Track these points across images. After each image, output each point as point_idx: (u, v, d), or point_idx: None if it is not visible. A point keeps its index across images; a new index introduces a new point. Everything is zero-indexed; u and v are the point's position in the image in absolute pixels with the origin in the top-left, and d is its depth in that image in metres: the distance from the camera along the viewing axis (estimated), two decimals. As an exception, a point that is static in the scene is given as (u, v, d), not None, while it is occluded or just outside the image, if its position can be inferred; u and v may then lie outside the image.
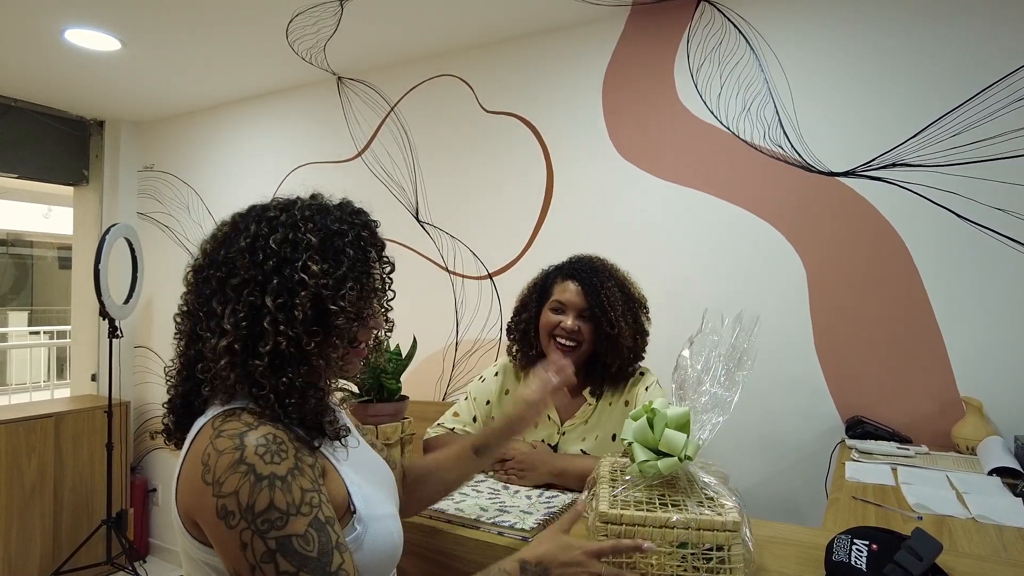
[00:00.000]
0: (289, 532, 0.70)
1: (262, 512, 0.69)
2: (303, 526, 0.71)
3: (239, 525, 0.69)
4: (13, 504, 2.97)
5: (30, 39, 2.51)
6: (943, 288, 1.74)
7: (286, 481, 0.71)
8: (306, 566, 0.69)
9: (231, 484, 0.70)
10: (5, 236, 9.12)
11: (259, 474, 0.70)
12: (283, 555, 0.69)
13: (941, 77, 1.74)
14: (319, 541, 0.71)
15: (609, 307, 1.44)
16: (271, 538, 0.69)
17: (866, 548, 0.88)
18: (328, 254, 0.82)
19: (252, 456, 0.71)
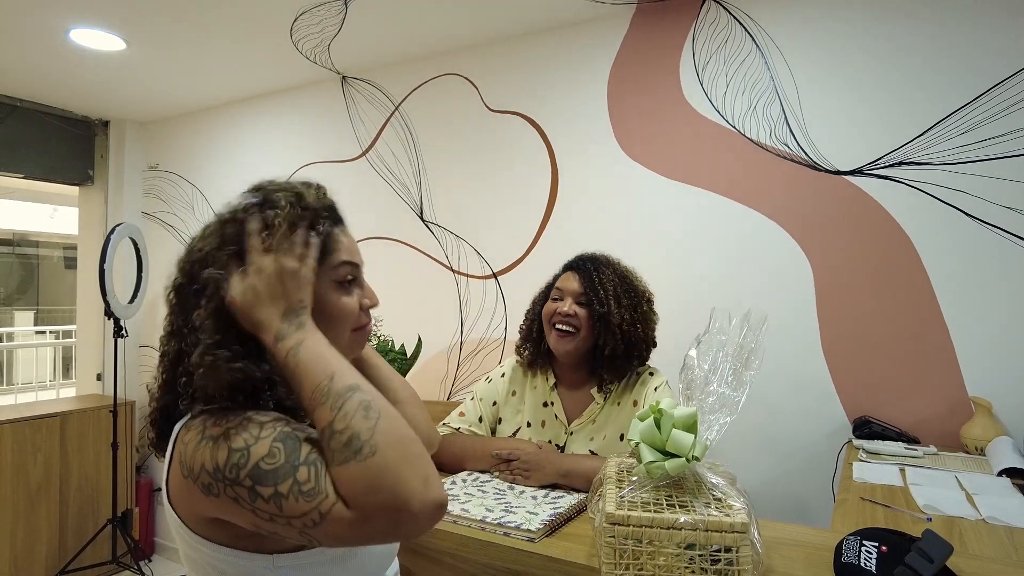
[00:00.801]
0: (254, 460, 0.67)
1: (225, 463, 0.68)
2: (266, 447, 0.68)
3: (220, 489, 0.68)
4: (19, 503, 2.98)
5: (35, 39, 2.51)
6: (951, 287, 1.73)
7: (241, 425, 0.70)
8: (278, 477, 0.66)
9: (198, 462, 0.70)
10: (11, 236, 9.16)
11: (213, 436, 0.70)
12: (259, 484, 0.66)
13: (949, 75, 1.73)
14: (284, 448, 0.68)
15: (600, 287, 1.47)
16: (244, 476, 0.67)
17: (875, 550, 0.87)
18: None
19: (210, 429, 0.71)
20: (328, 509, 0.64)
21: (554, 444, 1.49)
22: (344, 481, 0.65)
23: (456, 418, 1.57)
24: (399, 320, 2.49)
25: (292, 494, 0.66)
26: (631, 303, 1.48)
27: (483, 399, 1.60)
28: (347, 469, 0.64)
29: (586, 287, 1.48)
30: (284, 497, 0.66)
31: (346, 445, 0.65)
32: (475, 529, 1.08)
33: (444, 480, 1.34)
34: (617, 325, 1.44)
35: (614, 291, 1.47)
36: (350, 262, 0.88)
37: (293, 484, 0.66)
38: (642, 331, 1.48)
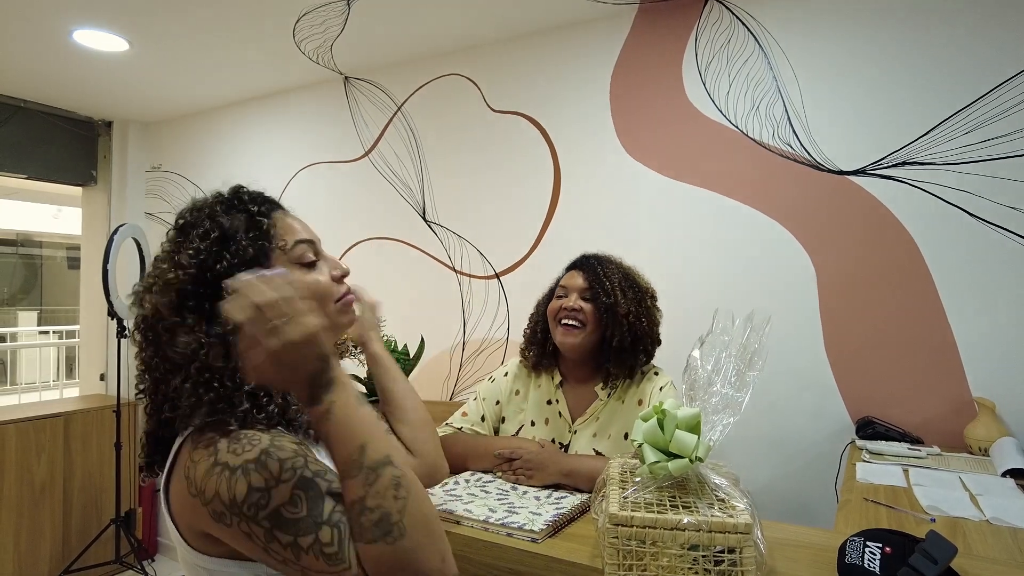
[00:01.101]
0: (275, 505, 0.68)
1: (244, 499, 0.68)
2: (288, 492, 0.68)
3: (233, 521, 0.69)
4: (23, 503, 2.98)
5: (39, 40, 2.52)
6: (955, 287, 1.72)
7: (260, 462, 0.70)
8: (300, 529, 0.66)
9: (211, 488, 0.70)
10: (15, 236, 9.18)
11: (232, 467, 0.70)
12: (278, 529, 0.67)
13: (952, 74, 1.73)
14: (306, 498, 0.68)
15: (605, 279, 1.49)
16: (263, 518, 0.67)
17: (879, 551, 0.87)
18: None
19: (224, 455, 0.71)
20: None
21: (558, 443, 1.49)
22: (370, 559, 0.65)
23: (459, 418, 1.57)
24: (402, 320, 2.49)
25: (313, 551, 0.66)
26: (635, 297, 1.50)
27: (486, 398, 1.60)
28: (375, 548, 0.65)
29: (591, 281, 1.50)
30: (303, 551, 0.66)
31: (376, 524, 0.65)
32: (478, 530, 1.08)
33: (447, 480, 1.34)
34: (624, 316, 1.45)
35: (620, 283, 1.49)
36: (304, 240, 0.87)
37: (315, 542, 0.66)
38: (647, 325, 1.50)
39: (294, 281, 0.70)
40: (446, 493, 1.24)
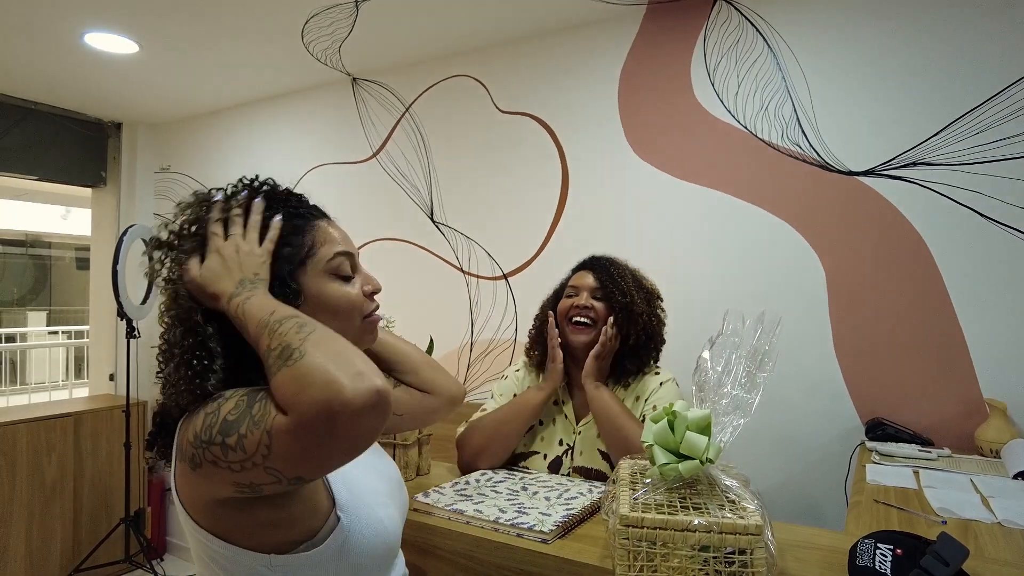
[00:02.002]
0: (222, 416, 0.69)
1: (201, 426, 0.70)
2: (232, 402, 0.69)
3: (201, 456, 0.69)
4: (34, 502, 3.01)
5: (51, 43, 2.54)
6: (965, 288, 1.71)
7: (216, 401, 0.72)
8: (240, 422, 0.67)
9: (184, 439, 0.72)
10: (24, 237, 9.24)
11: (194, 413, 0.73)
12: (226, 435, 0.67)
13: (963, 74, 1.72)
14: (248, 398, 0.69)
15: (620, 279, 1.51)
16: (216, 434, 0.68)
17: (890, 552, 0.87)
18: None
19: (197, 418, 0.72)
20: (271, 425, 0.64)
21: (565, 443, 1.50)
22: (278, 388, 0.65)
23: (478, 415, 1.58)
24: (410, 321, 2.49)
25: (248, 430, 0.66)
26: (646, 297, 1.53)
27: (503, 394, 1.61)
28: (279, 376, 0.65)
29: (603, 281, 1.51)
30: (244, 437, 0.66)
31: (279, 356, 0.65)
32: (488, 530, 1.08)
33: (457, 480, 1.34)
34: (640, 314, 1.48)
35: (632, 284, 1.52)
36: (343, 252, 0.88)
37: (249, 421, 0.66)
38: (656, 324, 1.53)
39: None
40: (457, 493, 1.25)
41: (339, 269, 0.86)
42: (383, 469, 0.96)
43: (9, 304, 9.49)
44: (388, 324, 1.67)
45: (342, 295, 0.86)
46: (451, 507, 1.16)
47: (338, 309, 0.85)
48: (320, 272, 0.85)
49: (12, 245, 9.35)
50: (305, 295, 0.83)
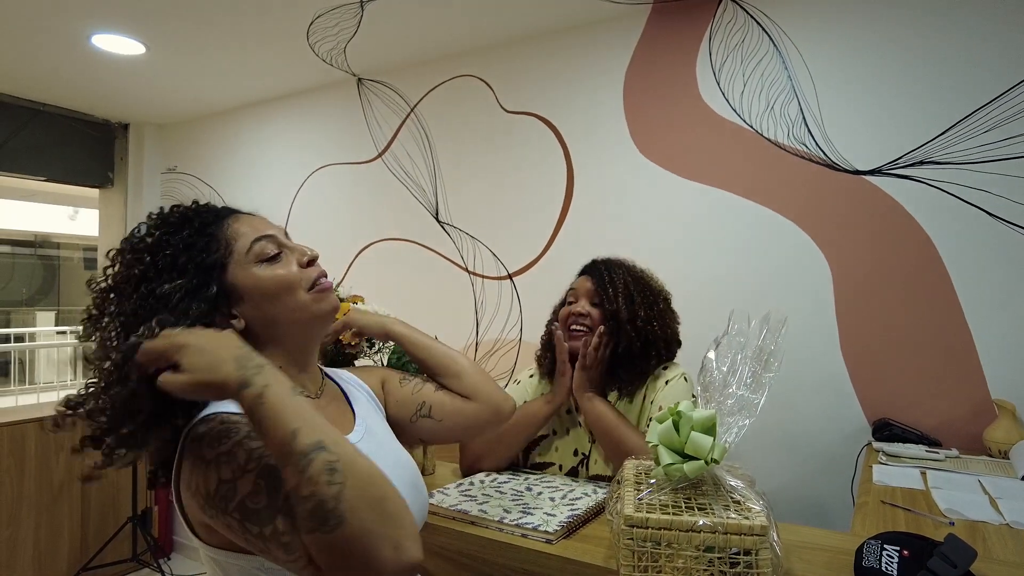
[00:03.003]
0: (241, 496, 0.68)
1: (216, 490, 0.69)
2: (251, 483, 0.68)
3: (212, 513, 0.70)
4: (42, 501, 3.02)
5: (59, 45, 2.55)
6: (973, 288, 1.70)
7: (231, 453, 0.70)
8: (263, 520, 0.66)
9: (194, 482, 0.72)
10: (33, 237, 9.30)
11: (207, 461, 0.71)
12: (248, 521, 0.67)
13: (971, 72, 1.71)
14: (267, 487, 0.68)
15: (609, 285, 1.48)
16: (233, 511, 0.68)
17: (897, 554, 0.86)
18: None
19: (205, 448, 0.73)
20: (303, 568, 0.65)
21: (580, 453, 1.48)
22: (314, 550, 0.62)
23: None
24: (415, 321, 2.50)
25: (274, 541, 0.66)
26: (646, 301, 1.48)
27: (516, 399, 1.59)
28: (315, 539, 0.61)
29: (598, 287, 1.49)
30: (268, 540, 0.67)
31: (312, 514, 0.61)
32: (493, 530, 1.08)
33: (462, 481, 1.34)
34: (629, 322, 1.43)
35: (624, 289, 1.47)
36: (259, 237, 0.87)
37: (274, 532, 0.66)
38: (659, 328, 1.47)
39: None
40: (461, 494, 1.25)
41: (262, 253, 0.86)
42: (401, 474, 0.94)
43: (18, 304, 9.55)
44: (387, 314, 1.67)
45: (275, 277, 0.85)
46: (456, 507, 1.16)
47: (277, 291, 0.85)
48: (246, 264, 0.85)
49: (21, 246, 9.41)
50: (241, 292, 0.84)
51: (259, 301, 0.84)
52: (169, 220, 0.86)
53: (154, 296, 0.78)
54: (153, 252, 0.81)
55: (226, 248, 0.84)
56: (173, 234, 0.83)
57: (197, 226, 0.85)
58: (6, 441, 2.91)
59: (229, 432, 0.73)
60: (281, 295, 0.85)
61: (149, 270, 0.80)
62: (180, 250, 0.82)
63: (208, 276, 0.82)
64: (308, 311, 0.87)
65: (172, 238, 0.83)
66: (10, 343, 7.04)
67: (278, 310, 0.86)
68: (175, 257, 0.81)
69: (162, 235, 0.83)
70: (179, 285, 0.80)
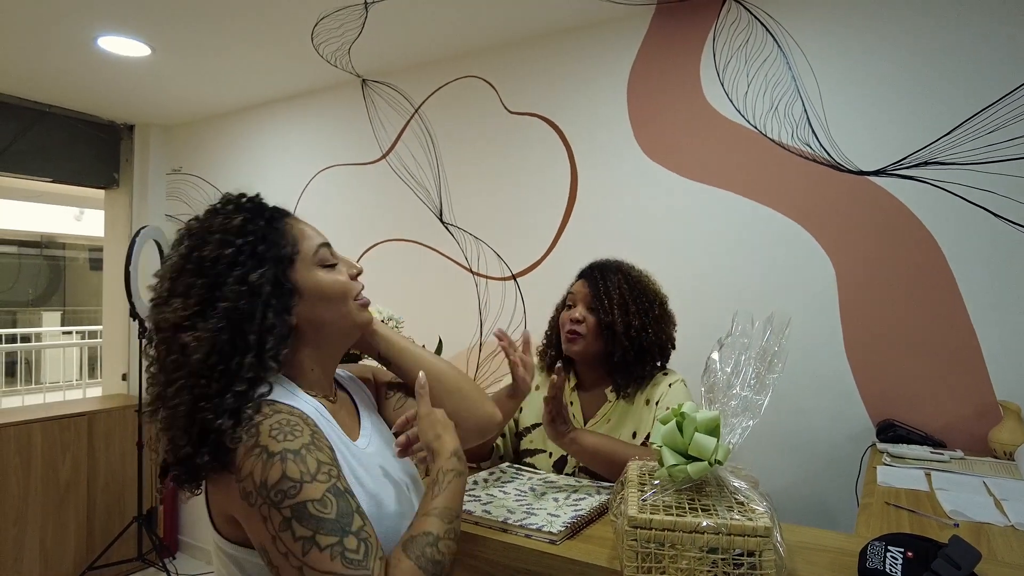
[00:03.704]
0: (303, 498, 0.71)
1: (275, 484, 0.71)
2: (320, 491, 0.72)
3: (257, 502, 0.72)
4: (49, 501, 3.04)
5: (65, 47, 2.57)
6: (978, 288, 1.70)
7: (299, 454, 0.73)
8: (323, 527, 0.70)
9: (247, 467, 0.73)
10: (39, 238, 9.35)
11: (271, 452, 0.73)
12: (298, 520, 0.70)
13: (976, 72, 1.70)
14: (337, 504, 0.72)
15: (605, 295, 1.49)
16: (285, 507, 0.70)
17: (901, 555, 0.86)
18: None
19: (265, 439, 0.74)
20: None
21: None
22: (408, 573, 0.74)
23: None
24: (419, 322, 2.51)
25: (331, 551, 0.70)
26: (640, 308, 1.49)
27: None
28: (418, 572, 0.74)
29: (593, 293, 1.51)
30: (318, 548, 0.70)
31: (434, 563, 0.76)
32: (496, 530, 1.09)
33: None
34: (623, 332, 1.46)
35: (619, 298, 1.48)
36: (324, 243, 0.92)
37: (338, 544, 0.70)
38: (654, 335, 1.48)
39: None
40: (465, 494, 1.25)
41: (325, 259, 0.90)
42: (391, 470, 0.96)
43: (24, 304, 9.60)
44: (397, 324, 1.68)
45: (335, 282, 0.90)
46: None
47: (334, 296, 0.89)
48: (310, 265, 0.88)
49: (27, 246, 9.46)
50: (301, 291, 0.86)
51: (315, 303, 0.88)
52: (246, 206, 0.88)
53: (246, 283, 0.81)
54: (242, 234, 0.83)
55: (294, 246, 0.87)
56: (253, 221, 0.85)
57: (268, 218, 0.87)
58: (13, 441, 2.93)
59: (295, 431, 0.75)
60: (335, 301, 0.89)
61: (239, 254, 0.82)
62: (259, 239, 0.84)
63: (283, 270, 0.85)
64: (351, 319, 0.92)
65: (253, 225, 0.85)
66: (16, 343, 7.07)
67: (329, 314, 0.89)
68: (255, 245, 0.83)
69: (245, 221, 0.85)
70: (264, 274, 0.82)
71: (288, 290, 0.85)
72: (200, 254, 0.82)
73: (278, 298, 0.83)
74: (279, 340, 0.82)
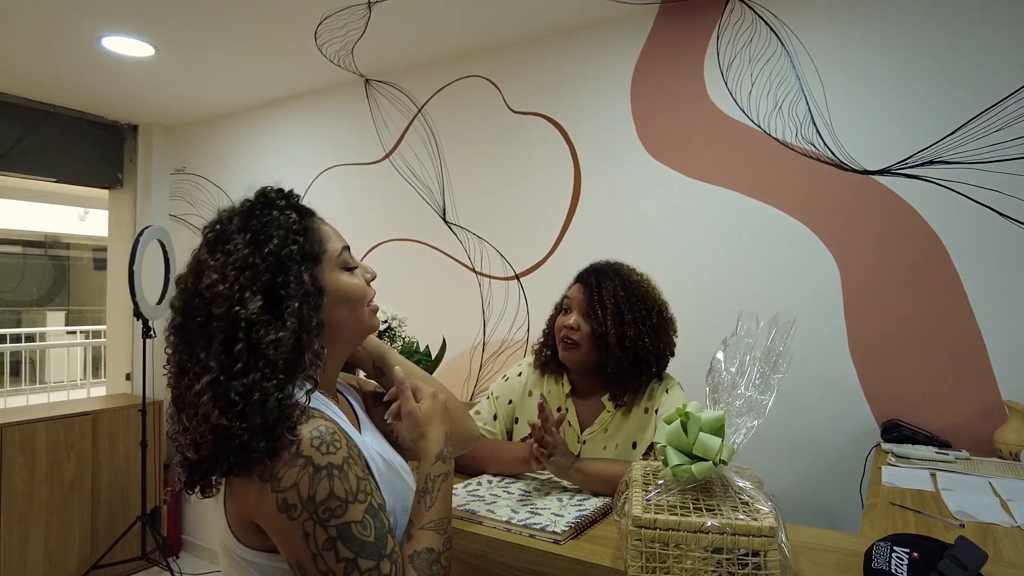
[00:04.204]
0: (348, 519, 0.73)
1: (323, 501, 0.72)
2: (360, 512, 0.74)
3: (301, 516, 0.72)
4: (54, 500, 3.05)
5: (69, 47, 2.57)
6: (984, 288, 1.69)
7: (343, 470, 0.74)
8: (364, 551, 0.73)
9: (290, 478, 0.72)
10: (43, 238, 9.37)
11: (317, 465, 0.73)
12: (343, 542, 0.72)
13: (980, 71, 1.70)
14: (375, 526, 0.74)
15: (599, 304, 1.44)
16: (332, 526, 0.72)
17: (907, 556, 0.86)
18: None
19: (308, 449, 0.73)
20: None
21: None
22: None
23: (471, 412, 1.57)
24: (422, 321, 2.51)
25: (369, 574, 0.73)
26: (637, 317, 1.43)
27: (499, 397, 1.59)
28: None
29: (588, 301, 1.46)
30: (360, 571, 0.72)
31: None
32: (500, 531, 1.09)
33: (469, 481, 1.34)
34: (616, 344, 1.41)
35: (614, 308, 1.43)
36: (347, 246, 0.93)
37: (375, 569, 0.73)
38: (650, 344, 1.43)
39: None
40: (468, 494, 1.25)
41: (348, 262, 0.91)
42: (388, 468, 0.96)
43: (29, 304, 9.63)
44: (401, 324, 1.68)
45: (355, 286, 0.90)
46: (463, 507, 1.17)
47: (353, 299, 0.90)
48: (334, 267, 0.89)
49: (32, 246, 9.49)
50: (326, 291, 0.86)
51: (335, 304, 0.87)
52: (277, 202, 0.87)
53: (303, 282, 0.81)
54: (300, 232, 0.84)
55: (320, 246, 0.87)
56: (286, 216, 0.85)
57: (297, 216, 0.87)
58: (17, 440, 2.94)
59: (336, 442, 0.75)
60: (353, 304, 0.90)
61: (301, 252, 0.82)
62: (293, 234, 0.83)
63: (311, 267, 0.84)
64: (363, 323, 0.93)
65: (287, 220, 0.84)
66: (21, 343, 7.10)
67: (346, 317, 0.89)
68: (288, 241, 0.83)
69: (280, 214, 0.84)
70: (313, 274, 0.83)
71: (316, 290, 0.84)
72: (269, 248, 0.80)
73: (316, 298, 0.83)
74: (320, 340, 0.83)
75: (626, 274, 1.50)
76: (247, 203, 0.87)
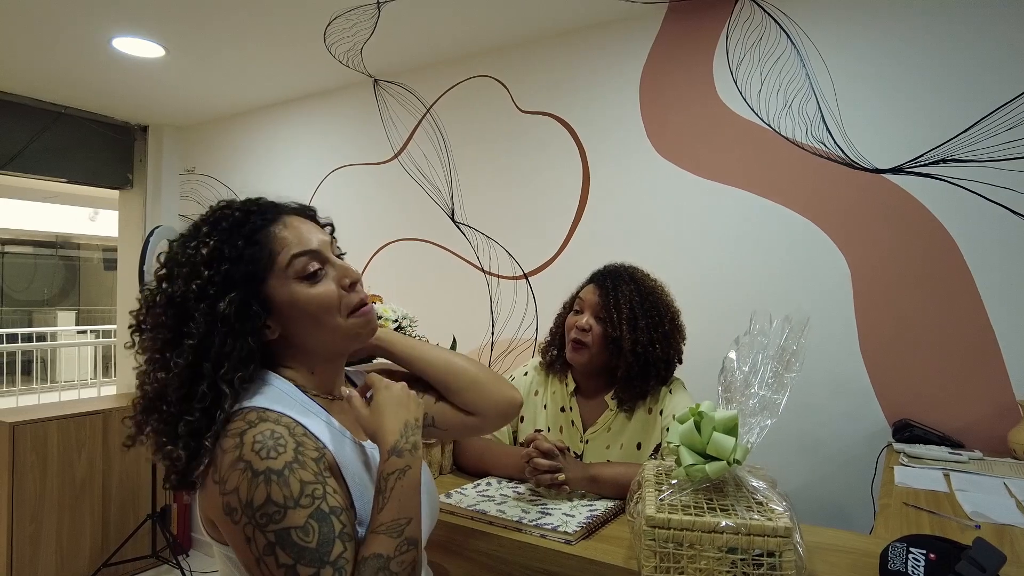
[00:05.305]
0: (287, 525, 0.70)
1: (260, 506, 0.70)
2: (302, 518, 0.71)
3: (241, 520, 0.71)
4: (65, 498, 3.07)
5: (80, 48, 2.59)
6: (997, 287, 1.68)
7: (282, 475, 0.72)
8: (303, 557, 0.70)
9: (232, 481, 0.72)
10: (54, 238, 9.44)
11: (255, 470, 0.71)
12: (281, 547, 0.70)
13: (993, 68, 1.68)
14: (319, 531, 0.71)
15: (615, 309, 1.43)
16: (270, 531, 0.70)
17: (923, 557, 0.85)
18: None
19: (249, 453, 0.72)
20: None
21: (572, 452, 1.47)
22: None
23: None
24: (431, 321, 2.51)
25: None
26: (650, 323, 1.42)
27: None
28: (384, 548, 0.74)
29: (603, 303, 1.45)
30: (292, 573, 0.70)
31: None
32: (511, 530, 1.08)
33: (479, 482, 1.34)
34: (629, 349, 1.40)
35: (629, 312, 1.42)
36: (299, 253, 0.83)
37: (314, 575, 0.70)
38: (661, 351, 1.42)
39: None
40: (479, 494, 1.25)
41: (302, 271, 0.83)
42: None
43: (40, 304, 9.70)
44: (411, 323, 1.68)
45: (311, 298, 0.83)
46: (474, 507, 1.16)
47: (313, 313, 0.83)
48: (287, 279, 0.83)
49: (43, 246, 9.56)
50: (276, 308, 0.82)
51: (292, 319, 0.83)
52: (221, 226, 0.83)
53: (213, 313, 0.78)
54: (209, 265, 0.79)
55: (269, 258, 0.82)
56: (227, 242, 0.81)
57: (247, 233, 0.82)
58: (29, 439, 2.96)
59: (277, 443, 0.74)
60: (317, 318, 0.84)
61: (208, 287, 0.79)
62: (232, 261, 0.80)
63: (252, 288, 0.81)
64: (341, 333, 0.86)
65: (226, 247, 0.80)
66: (32, 342, 7.15)
67: (311, 329, 0.84)
68: (229, 271, 0.79)
69: (217, 244, 0.80)
70: (232, 300, 0.79)
71: (254, 312, 0.80)
72: (170, 289, 0.80)
73: (242, 321, 0.79)
74: (236, 365, 0.79)
75: (641, 279, 1.50)
76: (181, 234, 0.86)
